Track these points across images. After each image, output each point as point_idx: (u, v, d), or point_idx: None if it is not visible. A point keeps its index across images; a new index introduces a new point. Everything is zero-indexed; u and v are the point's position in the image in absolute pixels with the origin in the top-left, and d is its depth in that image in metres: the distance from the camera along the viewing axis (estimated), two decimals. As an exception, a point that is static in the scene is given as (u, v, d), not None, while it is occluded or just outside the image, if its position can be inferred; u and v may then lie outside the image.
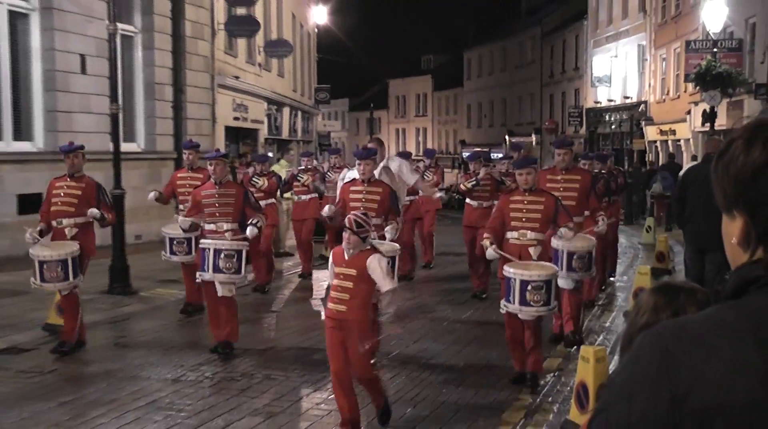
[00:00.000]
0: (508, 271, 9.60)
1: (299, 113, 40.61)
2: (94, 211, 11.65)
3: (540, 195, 10.14)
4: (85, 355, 11.49)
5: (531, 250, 9.95)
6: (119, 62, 20.38)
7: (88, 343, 11.66)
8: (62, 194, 11.77)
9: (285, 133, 36.99)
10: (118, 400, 9.24)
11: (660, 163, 39.03)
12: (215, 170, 11.40)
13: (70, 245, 11.38)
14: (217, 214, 11.32)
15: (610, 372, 7.63)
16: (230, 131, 28.82)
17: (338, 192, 12.63)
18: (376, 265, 8.16)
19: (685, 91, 39.29)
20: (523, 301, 9.47)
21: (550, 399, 9.58)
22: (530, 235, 9.97)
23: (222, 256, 10.87)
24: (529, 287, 9.42)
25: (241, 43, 30.41)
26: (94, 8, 20.18)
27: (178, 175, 14.80)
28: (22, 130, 19.48)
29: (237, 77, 29.36)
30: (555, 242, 11.02)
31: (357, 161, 11.32)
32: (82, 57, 20.37)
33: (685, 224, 12.22)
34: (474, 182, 16.76)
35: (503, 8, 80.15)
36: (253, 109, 31.41)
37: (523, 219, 9.97)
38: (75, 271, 11.18)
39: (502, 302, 9.86)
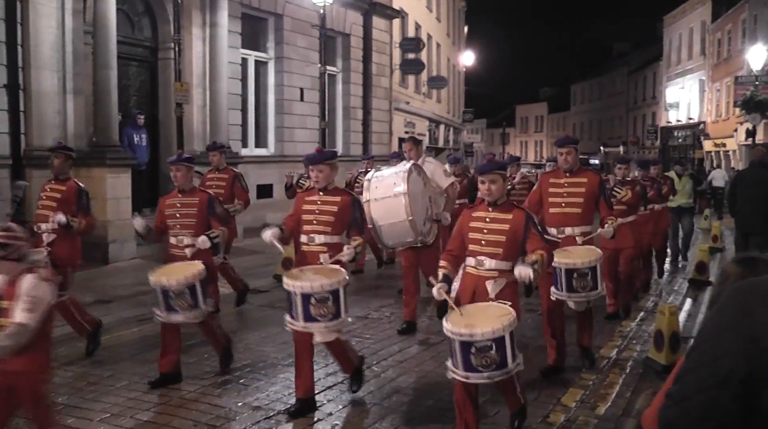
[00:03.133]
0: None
1: (451, 129, 40.87)
2: (59, 217, 7.85)
3: (507, 210, 5.77)
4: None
5: (489, 285, 5.64)
6: (326, 93, 21.33)
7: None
8: (44, 197, 8.24)
9: (441, 143, 37.41)
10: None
11: (712, 167, 38.57)
12: (176, 176, 7.55)
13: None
14: (178, 227, 7.48)
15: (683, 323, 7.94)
16: (402, 142, 29.24)
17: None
18: (26, 288, 4.42)
19: (733, 114, 38.80)
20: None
21: (634, 341, 8.81)
22: (488, 263, 5.68)
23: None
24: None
25: (411, 78, 30.94)
26: (310, 56, 20.95)
27: (207, 175, 10.81)
28: (260, 140, 20.40)
29: (407, 103, 29.89)
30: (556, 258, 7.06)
31: (310, 168, 6.87)
32: (301, 90, 21.09)
33: (736, 214, 11.39)
34: (509, 187, 11.49)
35: (599, 53, 79.19)
36: (418, 126, 31.83)
37: (482, 241, 5.72)
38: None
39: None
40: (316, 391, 6.67)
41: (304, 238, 6.71)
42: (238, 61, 18.63)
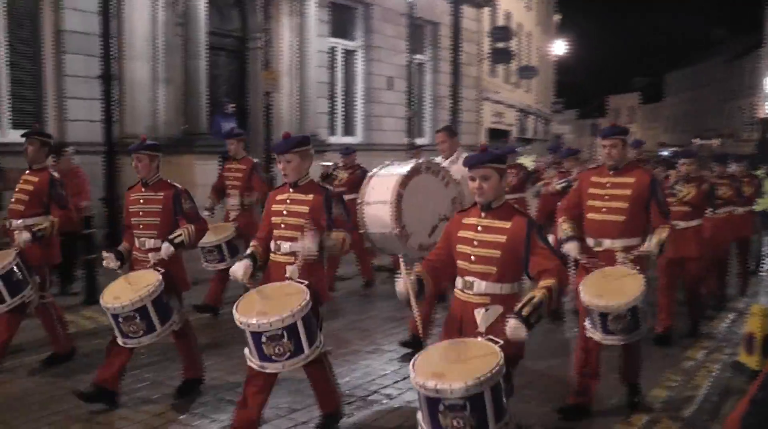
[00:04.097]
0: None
1: (540, 119, 40.17)
2: (24, 237, 6.77)
3: (505, 216, 4.39)
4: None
5: (478, 314, 4.30)
6: (415, 82, 21.09)
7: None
8: (17, 190, 7.17)
9: (530, 134, 36.73)
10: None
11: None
12: (137, 167, 6.24)
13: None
14: (141, 227, 6.25)
15: None
16: (490, 132, 28.85)
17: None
18: None
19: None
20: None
21: (724, 344, 8.28)
22: (478, 286, 4.38)
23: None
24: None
25: (501, 68, 30.37)
26: (398, 45, 20.62)
27: (225, 166, 9.98)
28: (348, 129, 20.18)
29: (497, 92, 29.31)
30: (582, 295, 5.66)
31: (276, 158, 5.57)
32: (389, 78, 20.78)
33: None
34: (565, 183, 10.21)
35: (695, 40, 76.39)
36: (507, 116, 31.19)
37: (472, 257, 4.40)
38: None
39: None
40: (388, 383, 6.44)
41: (272, 246, 5.48)
42: (326, 50, 18.53)
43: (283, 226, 5.38)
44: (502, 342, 3.98)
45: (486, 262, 4.33)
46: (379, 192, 6.88)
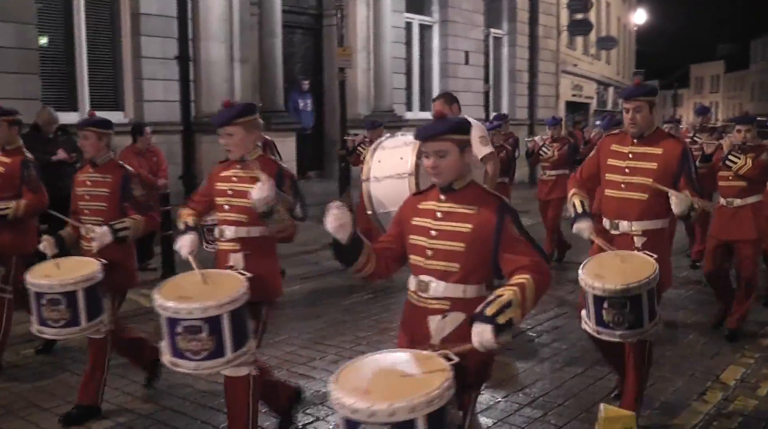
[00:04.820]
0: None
1: (620, 91, 38.99)
2: None
3: (472, 200, 3.40)
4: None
5: (432, 322, 3.41)
6: (491, 56, 20.57)
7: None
8: None
9: (609, 107, 35.62)
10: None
11: None
12: (83, 145, 5.48)
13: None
14: (87, 212, 5.42)
15: None
16: (569, 105, 28.04)
17: None
18: None
19: None
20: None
21: None
22: (435, 287, 3.41)
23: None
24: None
25: (579, 39, 29.42)
26: (474, 19, 20.08)
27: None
28: (424, 104, 19.56)
29: (575, 65, 28.43)
30: (580, 272, 4.72)
31: (217, 131, 4.71)
32: (466, 53, 20.22)
33: None
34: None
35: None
36: (586, 89, 30.24)
37: (428, 251, 3.43)
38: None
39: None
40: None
41: (216, 232, 4.77)
42: (402, 25, 18.10)
43: (227, 207, 4.60)
44: (457, 359, 2.99)
45: (446, 258, 3.37)
46: (391, 165, 5.80)
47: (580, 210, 5.12)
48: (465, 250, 3.33)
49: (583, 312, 4.76)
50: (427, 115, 19.35)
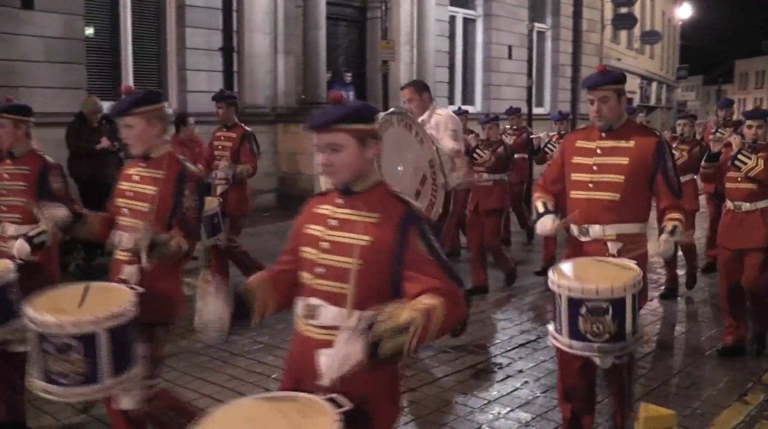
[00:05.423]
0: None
1: (664, 86, 38.10)
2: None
3: (374, 205, 2.65)
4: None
5: (323, 358, 2.47)
6: (534, 50, 20.17)
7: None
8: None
9: (652, 101, 34.91)
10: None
11: None
12: None
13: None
14: (4, 209, 4.71)
15: None
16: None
17: None
18: None
19: None
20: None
21: None
22: (326, 314, 2.66)
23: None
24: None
25: (623, 34, 28.85)
26: (518, 13, 19.62)
27: (216, 132, 8.18)
28: (467, 98, 19.45)
29: (618, 59, 27.87)
30: (550, 275, 3.91)
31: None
32: (509, 47, 19.85)
33: None
34: None
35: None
36: (629, 83, 29.38)
37: (318, 268, 2.68)
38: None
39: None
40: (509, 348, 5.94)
41: (114, 239, 3.94)
42: (445, 19, 17.81)
43: (126, 211, 3.87)
44: (349, 406, 2.44)
45: (338, 277, 2.64)
46: None
47: (542, 210, 4.45)
48: (361, 268, 2.58)
49: (550, 326, 3.93)
50: (470, 108, 19.05)
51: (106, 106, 9.68)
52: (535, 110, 19.70)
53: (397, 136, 5.33)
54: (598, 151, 4.28)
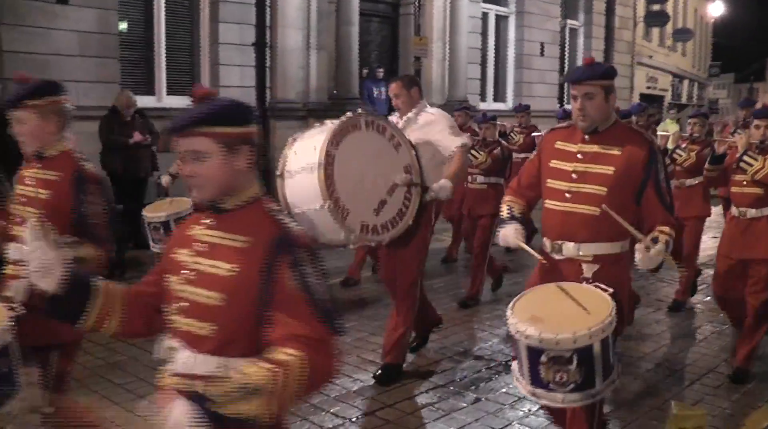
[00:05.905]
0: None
1: (695, 84, 37.58)
2: None
3: (245, 228, 2.19)
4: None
5: (177, 411, 1.94)
6: (566, 47, 19.87)
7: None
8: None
9: (683, 99, 34.36)
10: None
11: None
12: None
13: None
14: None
15: None
16: (643, 97, 27.03)
17: None
18: None
19: None
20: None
21: None
22: (186, 360, 2.19)
23: None
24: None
25: (655, 31, 28.37)
26: (551, 10, 19.35)
27: None
28: (498, 95, 19.12)
29: (650, 57, 27.43)
30: (509, 315, 3.25)
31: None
32: (542, 44, 19.46)
33: None
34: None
35: None
36: (661, 81, 29.11)
37: (178, 302, 2.27)
38: None
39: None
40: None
41: (9, 250, 3.40)
42: (478, 16, 17.43)
43: (18, 218, 3.32)
44: None
45: (198, 314, 2.19)
46: (304, 157, 4.77)
47: (506, 216, 3.82)
48: (224, 304, 2.14)
49: (514, 364, 3.37)
50: (501, 105, 18.77)
51: (139, 100, 9.63)
52: (567, 107, 19.41)
53: (364, 142, 4.88)
54: (580, 155, 3.66)
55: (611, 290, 3.33)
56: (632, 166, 3.56)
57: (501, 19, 18.96)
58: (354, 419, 4.85)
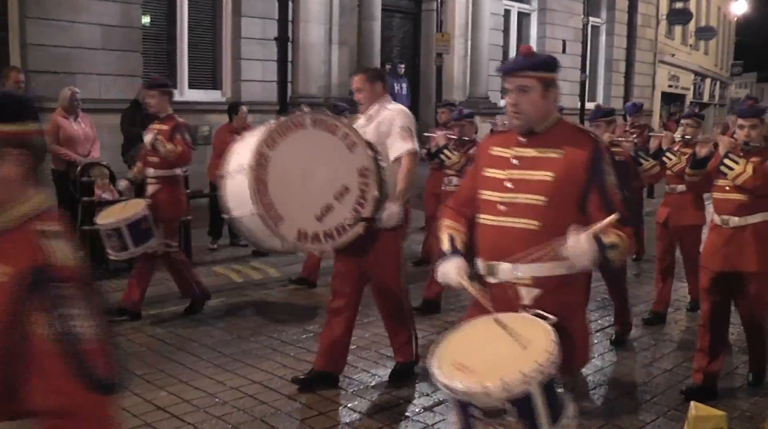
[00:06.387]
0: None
1: (717, 83, 37.15)
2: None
3: (7, 249, 1.64)
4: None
5: None
6: (588, 45, 19.66)
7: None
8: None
9: (705, 98, 33.97)
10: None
11: None
12: None
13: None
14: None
15: None
16: (664, 96, 26.74)
17: None
18: None
19: None
20: None
21: None
22: None
23: None
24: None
25: (678, 29, 28.04)
26: (573, 7, 19.11)
27: (150, 126, 6.82)
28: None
29: (673, 55, 27.10)
30: (433, 364, 2.62)
31: None
32: (564, 42, 19.27)
33: None
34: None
35: None
36: (683, 79, 28.75)
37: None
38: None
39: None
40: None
41: None
42: (500, 13, 17.32)
43: None
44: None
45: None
46: (242, 157, 4.44)
47: (447, 247, 3.19)
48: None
49: (450, 417, 2.90)
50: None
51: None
52: (588, 105, 19.22)
53: (309, 142, 4.49)
54: (515, 161, 3.05)
55: (554, 319, 2.78)
56: (574, 170, 2.96)
57: (523, 16, 18.82)
58: (371, 414, 4.76)
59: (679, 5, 25.44)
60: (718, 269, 5.00)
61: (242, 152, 4.44)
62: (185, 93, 11.59)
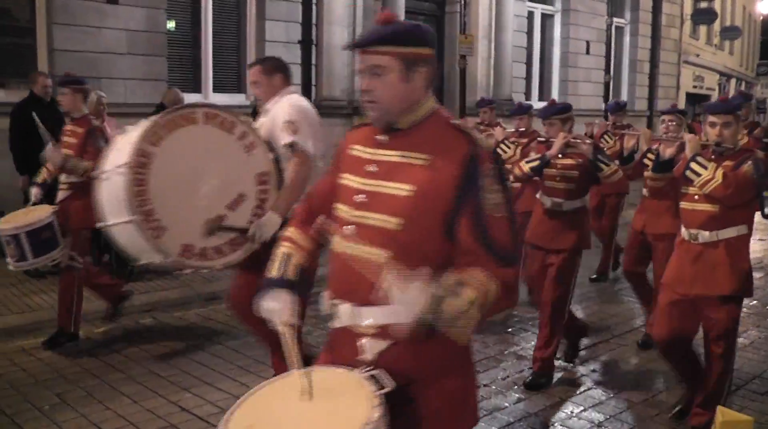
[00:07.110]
0: None
1: (742, 83, 36.59)
2: None
3: None
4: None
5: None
6: (612, 46, 19.45)
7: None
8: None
9: (730, 98, 33.58)
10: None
11: None
12: None
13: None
14: None
15: None
16: (689, 97, 26.39)
17: None
18: None
19: None
20: None
21: None
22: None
23: None
24: None
25: (702, 29, 27.63)
26: (597, 8, 18.86)
27: (64, 128, 6.18)
28: (543, 93, 18.59)
29: (697, 55, 26.72)
30: None
31: None
32: (587, 43, 19.00)
33: None
34: (537, 162, 5.30)
35: None
36: (707, 80, 28.35)
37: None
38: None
39: None
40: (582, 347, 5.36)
41: None
42: (524, 14, 17.08)
43: None
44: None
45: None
46: (121, 155, 3.80)
47: (275, 274, 2.40)
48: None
49: None
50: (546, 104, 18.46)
51: (186, 97, 9.55)
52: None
53: (201, 140, 3.90)
54: (371, 168, 2.23)
55: (389, 387, 2.01)
56: (440, 184, 2.10)
57: (547, 18, 18.59)
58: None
59: (703, 5, 25.08)
60: (681, 292, 4.27)
61: (122, 148, 3.76)
62: (210, 97, 11.52)
